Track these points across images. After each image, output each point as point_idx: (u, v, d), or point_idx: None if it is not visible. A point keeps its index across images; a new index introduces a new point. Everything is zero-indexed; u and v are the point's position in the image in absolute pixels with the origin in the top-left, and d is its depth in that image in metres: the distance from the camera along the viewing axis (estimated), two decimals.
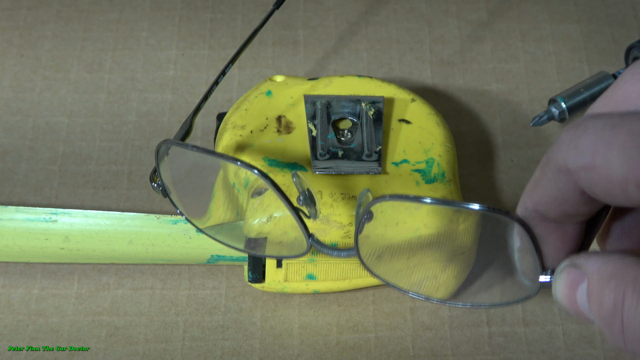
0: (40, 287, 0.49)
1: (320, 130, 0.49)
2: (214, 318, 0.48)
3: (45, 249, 0.47)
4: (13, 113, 0.57)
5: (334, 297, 0.49)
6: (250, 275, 0.48)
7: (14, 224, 0.47)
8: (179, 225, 0.47)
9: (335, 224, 0.46)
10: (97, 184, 0.54)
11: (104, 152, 0.55)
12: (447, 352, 0.47)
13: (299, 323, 0.48)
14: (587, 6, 0.63)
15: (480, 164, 0.55)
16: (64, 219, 0.47)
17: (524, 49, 0.61)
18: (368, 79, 0.52)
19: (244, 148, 0.48)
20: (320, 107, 0.50)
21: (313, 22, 0.62)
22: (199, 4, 0.63)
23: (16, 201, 0.53)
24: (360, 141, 0.49)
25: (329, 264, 0.47)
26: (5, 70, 0.59)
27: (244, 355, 0.47)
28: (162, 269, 0.50)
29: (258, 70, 0.59)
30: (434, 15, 0.62)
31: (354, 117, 0.50)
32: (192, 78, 0.59)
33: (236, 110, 0.50)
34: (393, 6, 0.63)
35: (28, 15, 0.62)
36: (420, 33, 0.61)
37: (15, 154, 0.55)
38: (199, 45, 0.60)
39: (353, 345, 0.47)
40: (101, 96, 0.58)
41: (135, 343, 0.47)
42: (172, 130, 0.56)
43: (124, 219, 0.47)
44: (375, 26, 0.62)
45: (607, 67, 0.60)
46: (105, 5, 0.63)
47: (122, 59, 0.60)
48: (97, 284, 0.50)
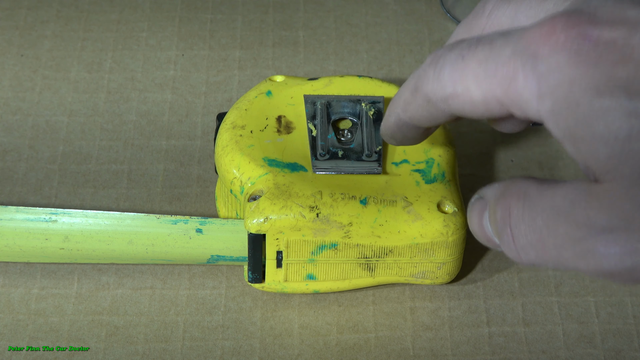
0: (40, 286, 0.49)
1: (320, 130, 0.49)
2: (214, 318, 0.48)
3: (45, 249, 0.47)
4: (13, 112, 0.57)
5: (334, 297, 0.49)
6: (250, 275, 0.48)
7: (13, 224, 0.47)
8: (179, 225, 0.47)
9: (335, 224, 0.46)
10: (97, 183, 0.54)
11: (104, 152, 0.55)
12: (447, 352, 0.47)
13: (299, 323, 0.48)
14: None
15: (480, 164, 0.55)
16: (64, 219, 0.47)
17: None
18: (368, 79, 0.52)
19: (243, 148, 0.48)
20: (320, 107, 0.50)
21: (313, 23, 0.62)
22: (199, 4, 0.63)
23: (16, 200, 0.53)
24: (360, 141, 0.49)
25: (329, 264, 0.47)
26: (5, 70, 0.59)
27: (244, 355, 0.47)
28: (162, 268, 0.50)
29: (258, 71, 0.59)
30: (433, 17, 0.62)
31: (354, 117, 0.50)
32: (192, 78, 0.59)
33: (236, 110, 0.50)
34: (393, 7, 0.63)
35: (28, 15, 0.62)
36: (420, 35, 0.62)
37: (15, 153, 0.55)
38: (199, 46, 0.60)
39: (353, 345, 0.47)
40: (101, 96, 0.58)
41: (135, 343, 0.47)
42: (172, 129, 0.56)
43: (123, 219, 0.47)
44: (376, 27, 0.62)
45: None
46: (105, 5, 0.63)
47: (122, 59, 0.60)
48: (97, 284, 0.49)
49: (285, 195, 0.46)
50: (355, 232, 0.46)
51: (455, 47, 0.36)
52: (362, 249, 0.47)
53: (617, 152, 0.32)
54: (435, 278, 0.48)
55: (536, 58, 0.33)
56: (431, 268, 0.48)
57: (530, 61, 0.34)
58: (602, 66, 0.33)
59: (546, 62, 0.33)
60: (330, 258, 0.47)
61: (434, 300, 0.49)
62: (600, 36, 0.33)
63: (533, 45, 0.34)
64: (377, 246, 0.46)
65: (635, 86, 0.32)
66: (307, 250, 0.46)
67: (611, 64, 0.33)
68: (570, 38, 0.33)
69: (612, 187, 0.33)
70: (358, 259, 0.47)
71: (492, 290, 0.50)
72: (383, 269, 0.48)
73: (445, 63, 0.36)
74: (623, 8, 0.34)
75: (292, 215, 0.45)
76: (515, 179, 0.36)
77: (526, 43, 0.34)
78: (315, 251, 0.46)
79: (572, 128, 0.33)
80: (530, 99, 0.34)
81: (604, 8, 0.34)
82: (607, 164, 0.33)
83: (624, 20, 0.33)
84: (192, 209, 0.53)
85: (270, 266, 0.47)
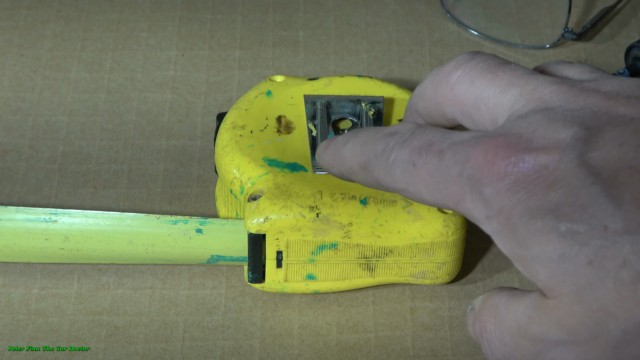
0: (40, 286, 0.49)
1: (320, 130, 0.49)
2: (214, 318, 0.48)
3: (45, 249, 0.47)
4: (13, 112, 0.57)
5: (334, 297, 0.49)
6: (250, 275, 0.48)
7: (13, 224, 0.47)
8: (179, 225, 0.47)
9: (335, 224, 0.46)
10: (97, 183, 0.54)
11: (104, 151, 0.55)
12: (447, 352, 0.47)
13: (299, 323, 0.48)
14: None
15: None
16: (64, 219, 0.47)
17: (523, 52, 0.61)
18: (368, 79, 0.52)
19: (243, 148, 0.48)
20: (320, 107, 0.50)
21: (313, 23, 0.62)
22: (199, 4, 0.63)
23: (16, 200, 0.53)
24: None
25: (329, 264, 0.47)
26: (5, 70, 0.59)
27: (244, 355, 0.47)
28: (162, 268, 0.50)
29: (258, 71, 0.59)
30: (433, 17, 0.63)
31: (354, 117, 0.50)
32: (192, 78, 0.59)
33: (236, 110, 0.50)
34: (393, 7, 0.63)
35: (28, 15, 0.62)
36: (420, 35, 0.62)
37: (15, 153, 0.55)
38: (198, 46, 0.60)
39: (353, 345, 0.47)
40: (101, 95, 0.58)
41: (135, 343, 0.47)
42: (172, 129, 0.56)
43: (123, 219, 0.47)
44: (376, 27, 0.62)
45: (607, 67, 0.60)
46: (105, 5, 0.63)
47: (122, 59, 0.60)
48: (97, 284, 0.49)
49: (285, 195, 0.46)
50: (355, 232, 0.46)
51: (407, 142, 0.39)
52: (362, 249, 0.47)
53: (554, 273, 0.34)
54: (435, 278, 0.48)
55: (481, 184, 0.36)
56: (431, 268, 0.48)
57: (476, 186, 0.36)
58: (535, 191, 0.35)
59: (490, 188, 0.36)
60: (330, 258, 0.47)
61: (434, 300, 0.49)
62: (535, 162, 0.35)
63: (478, 172, 0.36)
64: (377, 246, 0.46)
65: (563, 209, 0.34)
66: (307, 250, 0.46)
67: (543, 188, 0.35)
68: (510, 166, 0.35)
69: (557, 304, 0.35)
70: (358, 259, 0.47)
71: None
72: (383, 269, 0.48)
73: (396, 161, 0.39)
74: (557, 129, 0.36)
75: (292, 215, 0.45)
76: (492, 292, 0.39)
77: (472, 168, 0.36)
78: (315, 251, 0.46)
79: (515, 249, 0.36)
80: (479, 218, 0.37)
81: (540, 130, 0.36)
82: (548, 283, 0.35)
83: (557, 143, 0.35)
84: (192, 209, 0.53)
85: (270, 266, 0.47)
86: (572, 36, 0.60)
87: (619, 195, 0.34)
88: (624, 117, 0.36)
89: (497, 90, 0.39)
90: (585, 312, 0.34)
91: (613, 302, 0.33)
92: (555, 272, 0.34)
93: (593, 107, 0.36)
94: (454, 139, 0.38)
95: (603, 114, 0.36)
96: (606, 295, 0.33)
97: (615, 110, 0.36)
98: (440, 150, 0.38)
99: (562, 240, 0.34)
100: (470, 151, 0.36)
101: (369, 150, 0.41)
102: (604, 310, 0.33)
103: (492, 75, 0.39)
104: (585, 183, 0.34)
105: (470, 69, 0.40)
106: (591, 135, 0.35)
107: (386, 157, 0.40)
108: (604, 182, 0.34)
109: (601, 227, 0.33)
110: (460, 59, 0.40)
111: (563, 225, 0.34)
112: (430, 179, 0.38)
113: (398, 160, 0.39)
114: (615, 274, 0.33)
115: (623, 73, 0.55)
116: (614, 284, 0.33)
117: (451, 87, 0.40)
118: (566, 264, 0.34)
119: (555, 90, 0.37)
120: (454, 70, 0.40)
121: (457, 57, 0.40)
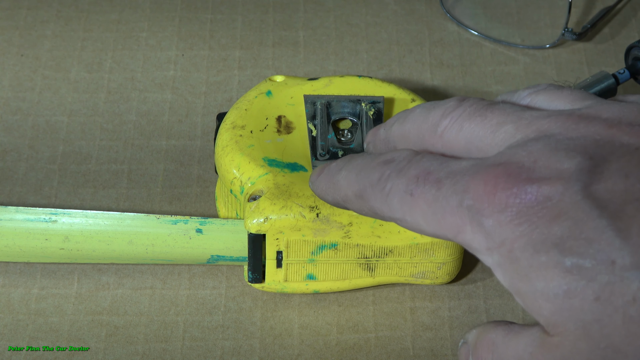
0: (40, 286, 0.49)
1: (320, 130, 0.49)
2: (214, 318, 0.48)
3: (45, 249, 0.47)
4: (13, 112, 0.57)
5: (334, 297, 0.49)
6: (250, 275, 0.48)
7: (13, 224, 0.47)
8: (179, 225, 0.47)
9: (335, 224, 0.46)
10: (97, 183, 0.54)
11: (104, 151, 0.55)
12: (447, 352, 0.47)
13: (299, 323, 0.48)
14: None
15: None
16: (64, 219, 0.47)
17: (523, 52, 0.61)
18: (368, 79, 0.52)
19: (243, 148, 0.48)
20: (320, 107, 0.50)
21: (313, 23, 0.62)
22: (199, 4, 0.63)
23: (16, 200, 0.53)
24: (360, 141, 0.49)
25: (329, 264, 0.47)
26: (5, 70, 0.59)
27: (244, 355, 0.47)
28: (162, 268, 0.50)
29: (258, 71, 0.59)
30: (433, 17, 0.63)
31: (354, 117, 0.50)
32: (192, 78, 0.59)
33: (236, 110, 0.50)
34: (393, 7, 0.63)
35: (28, 15, 0.62)
36: (420, 35, 0.62)
37: (15, 153, 0.55)
38: (198, 46, 0.60)
39: (353, 345, 0.47)
40: (101, 96, 0.58)
41: (135, 343, 0.47)
42: (172, 129, 0.56)
43: (123, 219, 0.47)
44: (376, 27, 0.62)
45: (607, 67, 0.60)
46: (105, 5, 0.63)
47: (122, 59, 0.60)
48: (97, 284, 0.49)
49: (285, 195, 0.46)
50: (355, 232, 0.46)
51: (404, 171, 0.37)
52: (362, 249, 0.47)
53: (558, 309, 0.33)
54: (435, 278, 0.48)
55: (482, 215, 0.34)
56: (431, 268, 0.48)
57: (476, 217, 0.35)
58: (538, 224, 0.33)
59: (491, 220, 0.34)
60: (330, 258, 0.47)
61: (434, 300, 0.49)
62: (538, 193, 0.34)
63: (478, 203, 0.35)
64: (377, 246, 0.46)
65: (568, 243, 0.33)
66: (307, 250, 0.46)
67: (547, 221, 0.33)
68: (512, 197, 0.34)
69: (562, 341, 0.34)
70: (358, 259, 0.47)
71: (492, 290, 0.50)
72: (383, 269, 0.48)
73: (393, 190, 0.37)
74: (559, 159, 0.34)
75: (292, 215, 0.45)
76: (488, 326, 0.38)
77: (471, 199, 0.35)
78: (315, 251, 0.46)
79: (517, 283, 0.34)
80: (479, 249, 0.35)
81: (542, 159, 0.35)
82: (552, 319, 0.34)
83: (560, 173, 0.34)
84: (192, 209, 0.53)
85: (270, 266, 0.47)
86: (572, 36, 0.60)
87: (626, 229, 0.32)
88: (629, 147, 0.34)
89: (489, 131, 0.37)
90: (592, 349, 0.33)
91: (622, 339, 0.32)
92: (560, 307, 0.33)
93: (595, 135, 0.35)
94: (452, 167, 0.36)
95: (606, 142, 0.35)
96: (615, 332, 0.32)
97: (619, 139, 0.35)
98: (438, 180, 0.36)
99: (567, 276, 0.33)
100: (470, 181, 0.35)
101: (364, 178, 0.39)
102: (612, 347, 0.32)
103: (481, 117, 0.37)
104: (590, 216, 0.33)
105: (458, 116, 0.38)
106: (595, 166, 0.34)
107: (382, 186, 0.38)
108: (610, 215, 0.33)
109: (608, 262, 0.32)
110: (448, 107, 0.39)
111: (568, 260, 0.33)
112: (428, 209, 0.36)
113: (395, 190, 0.37)
114: (624, 311, 0.32)
115: (623, 73, 0.55)
116: (623, 320, 0.32)
117: (440, 136, 0.39)
118: (572, 299, 0.33)
119: (552, 120, 0.36)
120: (442, 119, 0.38)
121: (445, 105, 0.39)
